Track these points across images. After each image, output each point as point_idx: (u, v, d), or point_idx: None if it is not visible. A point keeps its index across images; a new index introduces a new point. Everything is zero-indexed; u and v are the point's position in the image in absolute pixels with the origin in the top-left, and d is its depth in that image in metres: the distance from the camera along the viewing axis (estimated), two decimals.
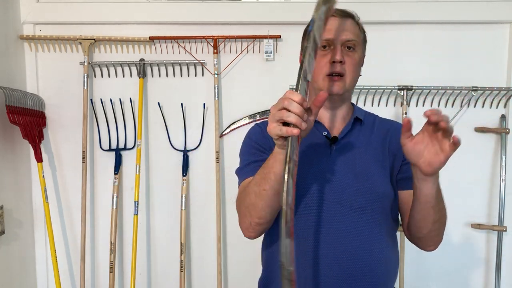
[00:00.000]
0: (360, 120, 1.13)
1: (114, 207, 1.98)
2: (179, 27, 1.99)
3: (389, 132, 1.14)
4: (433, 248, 1.19)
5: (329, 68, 1.05)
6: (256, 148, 1.12)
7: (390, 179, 1.10)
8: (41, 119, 1.99)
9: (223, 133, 2.03)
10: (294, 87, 0.85)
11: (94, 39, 1.96)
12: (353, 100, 2.00)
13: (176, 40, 1.98)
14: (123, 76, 2.03)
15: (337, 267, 1.03)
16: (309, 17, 0.99)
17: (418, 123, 2.18)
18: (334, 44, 1.05)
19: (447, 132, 0.91)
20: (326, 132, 1.10)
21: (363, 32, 1.14)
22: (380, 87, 1.95)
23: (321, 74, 1.06)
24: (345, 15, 1.09)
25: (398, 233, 2.01)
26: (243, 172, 1.12)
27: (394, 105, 2.03)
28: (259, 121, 1.19)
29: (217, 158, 2.00)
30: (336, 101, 1.11)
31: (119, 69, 2.02)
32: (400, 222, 1.18)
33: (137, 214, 1.97)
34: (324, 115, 1.13)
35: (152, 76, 2.03)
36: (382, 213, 1.08)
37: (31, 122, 1.88)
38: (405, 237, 1.20)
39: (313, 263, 1.02)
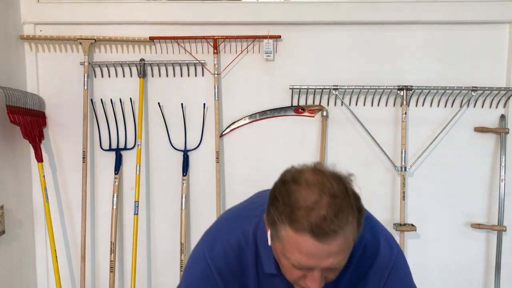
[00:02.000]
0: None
1: (114, 207, 1.98)
2: (179, 27, 1.99)
3: (364, 275, 0.93)
4: None
5: (304, 284, 0.81)
6: None
7: None
8: (42, 119, 1.99)
9: (223, 133, 2.04)
10: (294, 87, 0.81)
11: (94, 39, 1.97)
12: (353, 101, 2.01)
13: (176, 40, 1.98)
14: (123, 76, 2.03)
15: None
16: (309, 17, 0.90)
17: (418, 123, 2.20)
18: (313, 269, 0.78)
19: None
20: None
21: (359, 225, 0.79)
22: (380, 87, 1.95)
23: (292, 281, 0.84)
24: (329, 237, 0.74)
25: (398, 233, 2.02)
26: None
27: (394, 105, 2.03)
28: (213, 254, 0.93)
29: (217, 158, 2.00)
30: None
31: (119, 69, 2.02)
32: None
33: (137, 214, 1.97)
34: None
35: (152, 76, 2.03)
36: None
37: (31, 122, 1.88)
38: (405, 237, 1.20)
39: None
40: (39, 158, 1.90)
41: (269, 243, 0.84)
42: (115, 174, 2.01)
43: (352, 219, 0.76)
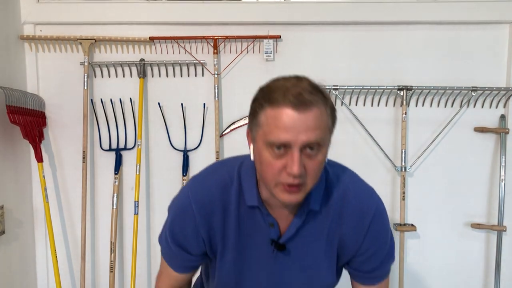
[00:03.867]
0: (315, 210, 0.94)
1: (114, 207, 1.98)
2: (179, 27, 1.99)
3: (348, 219, 0.95)
4: None
5: (285, 177, 0.82)
6: (179, 245, 1.00)
7: (336, 265, 1.00)
8: (42, 119, 1.99)
9: (223, 133, 2.04)
10: None
11: (94, 39, 1.97)
12: (353, 101, 2.01)
13: (176, 40, 1.98)
14: (123, 76, 2.03)
15: None
16: (309, 17, 0.94)
17: (418, 123, 2.20)
18: (291, 148, 0.80)
19: None
20: (273, 225, 0.94)
21: (333, 115, 0.85)
22: (380, 87, 1.95)
23: (274, 179, 0.83)
24: (307, 105, 0.79)
25: (398, 233, 2.02)
26: (162, 251, 1.06)
27: (394, 105, 2.03)
28: (195, 189, 0.97)
29: (217, 158, 2.00)
30: (292, 206, 0.93)
31: (119, 69, 2.02)
32: None
33: (137, 214, 1.97)
34: (274, 204, 0.94)
35: (152, 76, 2.04)
36: None
37: (31, 122, 1.88)
38: (405, 237, 1.21)
39: None
40: (39, 158, 1.90)
41: (252, 157, 0.89)
42: (115, 174, 2.01)
43: (325, 103, 0.82)
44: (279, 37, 1.97)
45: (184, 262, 1.02)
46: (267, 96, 0.82)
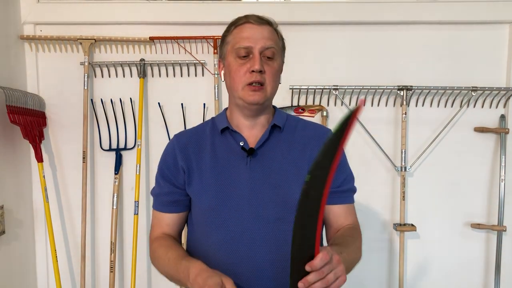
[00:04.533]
0: (279, 127, 1.11)
1: (114, 207, 1.98)
2: (179, 27, 1.99)
3: (311, 140, 1.11)
4: None
5: (249, 77, 1.03)
6: (165, 178, 1.14)
7: None
8: (42, 119, 1.99)
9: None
10: (294, 87, 0.87)
11: (95, 39, 1.97)
12: (353, 101, 2.01)
13: (176, 40, 1.98)
14: (123, 76, 2.03)
15: (254, 277, 1.03)
16: (309, 17, 1.02)
17: (417, 123, 2.20)
18: (253, 52, 1.03)
19: None
20: (243, 142, 1.09)
21: (282, 39, 1.12)
22: (380, 87, 1.95)
23: (241, 83, 1.04)
24: (263, 22, 1.06)
25: (398, 233, 2.02)
26: (154, 201, 1.18)
27: (394, 105, 2.03)
28: (179, 132, 1.19)
29: None
30: (256, 110, 1.09)
31: (119, 69, 2.02)
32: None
33: (137, 214, 1.97)
34: (242, 124, 1.11)
35: (152, 76, 2.04)
36: None
37: (31, 122, 1.88)
38: (405, 237, 1.20)
39: (233, 273, 1.00)
40: (39, 158, 1.90)
41: (222, 77, 1.13)
42: (115, 174, 2.01)
43: (277, 29, 1.10)
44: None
45: (170, 196, 1.13)
46: (232, 23, 1.10)
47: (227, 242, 1.05)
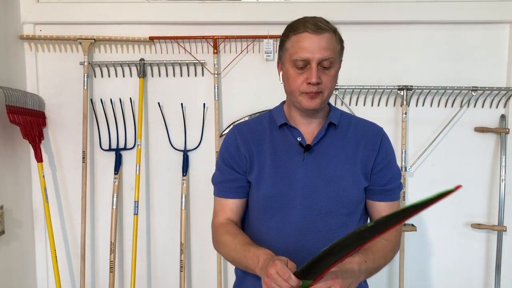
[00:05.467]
0: (334, 125, 1.16)
1: (114, 207, 1.98)
2: (179, 27, 1.99)
3: (364, 137, 1.17)
4: None
5: (306, 87, 1.06)
6: (227, 165, 1.19)
7: (362, 182, 1.14)
8: (41, 119, 1.99)
9: (223, 133, 2.03)
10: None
11: (94, 39, 1.96)
12: (353, 101, 2.01)
13: (176, 40, 1.98)
14: (123, 76, 2.03)
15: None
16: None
17: (417, 123, 2.20)
18: (310, 64, 1.05)
19: None
20: (300, 138, 1.14)
21: (341, 42, 1.12)
22: (380, 87, 1.95)
23: (298, 90, 1.08)
24: (321, 30, 1.06)
25: None
26: (216, 189, 1.23)
27: (394, 105, 2.03)
28: (238, 123, 1.25)
29: (217, 158, 2.00)
30: (313, 113, 1.14)
31: (119, 69, 2.02)
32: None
33: (137, 214, 1.97)
34: (299, 121, 1.16)
35: (152, 76, 2.03)
36: (349, 216, 1.14)
37: (31, 122, 1.88)
38: (405, 237, 1.21)
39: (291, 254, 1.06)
40: (39, 158, 1.90)
41: (280, 79, 1.16)
42: (115, 174, 2.00)
43: (334, 32, 1.08)
44: (279, 37, 1.96)
45: (233, 183, 1.18)
46: (291, 28, 1.10)
47: (280, 230, 1.12)
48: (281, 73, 1.16)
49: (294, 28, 1.08)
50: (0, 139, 1.81)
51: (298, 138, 1.14)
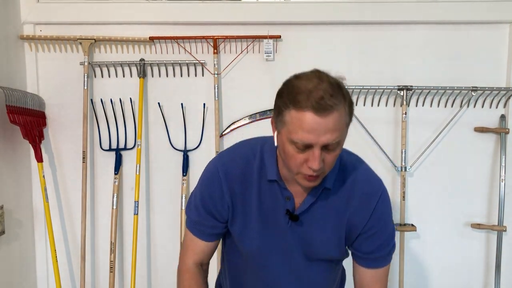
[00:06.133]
0: (328, 189, 1.03)
1: (114, 207, 1.98)
2: (179, 27, 1.99)
3: (357, 201, 1.05)
4: None
5: (306, 170, 0.92)
6: (208, 212, 1.08)
7: (344, 243, 1.09)
8: (41, 119, 1.99)
9: (223, 133, 2.04)
10: None
11: (94, 39, 1.97)
12: (353, 101, 2.00)
13: (176, 40, 1.98)
14: (123, 76, 2.03)
15: None
16: (309, 17, 0.97)
17: (417, 123, 2.20)
18: (313, 148, 0.89)
19: None
20: (289, 198, 1.04)
21: (351, 112, 0.94)
22: (380, 87, 1.95)
23: (296, 169, 0.94)
24: (328, 111, 0.86)
25: (398, 233, 2.02)
26: (190, 224, 1.13)
27: (394, 105, 2.03)
28: (224, 158, 1.10)
29: None
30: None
31: (119, 69, 2.02)
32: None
33: (137, 214, 1.97)
34: (291, 180, 1.03)
35: (152, 76, 2.03)
36: (330, 264, 1.13)
37: (31, 122, 1.88)
38: (405, 237, 1.20)
39: None
40: (39, 158, 1.90)
41: (275, 142, 0.97)
42: (115, 174, 2.01)
43: (344, 103, 0.89)
44: (279, 37, 1.97)
45: (210, 229, 1.10)
46: (292, 97, 0.88)
47: (260, 278, 1.11)
48: (275, 133, 0.97)
49: (296, 100, 0.87)
50: (0, 139, 1.81)
51: (286, 198, 1.04)
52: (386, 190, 1.08)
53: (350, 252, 1.13)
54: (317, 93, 0.85)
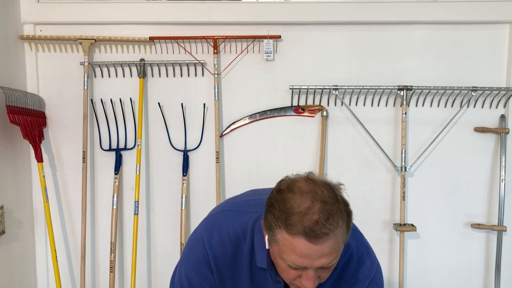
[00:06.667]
0: None
1: (114, 207, 1.98)
2: (179, 27, 1.99)
3: (344, 279, 1.02)
4: None
5: (299, 283, 0.89)
6: None
7: None
8: (42, 119, 1.99)
9: (223, 133, 2.04)
10: (294, 87, 0.83)
11: (94, 39, 1.97)
12: (353, 101, 2.01)
13: (176, 40, 1.98)
14: (123, 76, 2.03)
15: None
16: (309, 17, 0.96)
17: (417, 124, 2.20)
18: (307, 269, 0.85)
19: None
20: (279, 282, 0.99)
21: (348, 226, 0.87)
22: (380, 87, 1.95)
23: (288, 281, 0.91)
24: (322, 238, 0.80)
25: (398, 233, 2.02)
26: None
27: (394, 105, 2.03)
28: (212, 239, 1.01)
29: (217, 158, 2.00)
30: None
31: (119, 69, 2.02)
32: None
33: (137, 214, 1.97)
34: None
35: (152, 76, 2.03)
36: None
37: (31, 122, 1.88)
38: (405, 237, 1.20)
39: None
40: (39, 158, 1.90)
41: (267, 246, 0.91)
42: (115, 174, 2.01)
43: (341, 223, 0.83)
44: (279, 37, 1.97)
45: None
46: (284, 217, 0.82)
47: None
48: (266, 236, 0.91)
49: (288, 222, 0.81)
50: (0, 139, 1.81)
51: (276, 282, 1.00)
52: (379, 269, 1.06)
53: None
54: (310, 217, 0.79)
